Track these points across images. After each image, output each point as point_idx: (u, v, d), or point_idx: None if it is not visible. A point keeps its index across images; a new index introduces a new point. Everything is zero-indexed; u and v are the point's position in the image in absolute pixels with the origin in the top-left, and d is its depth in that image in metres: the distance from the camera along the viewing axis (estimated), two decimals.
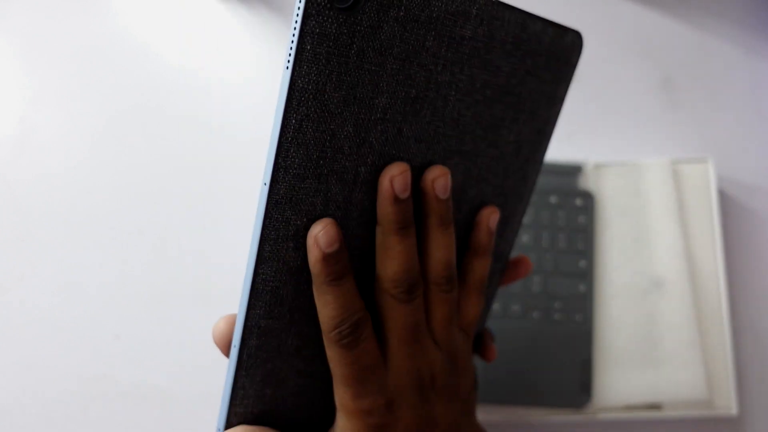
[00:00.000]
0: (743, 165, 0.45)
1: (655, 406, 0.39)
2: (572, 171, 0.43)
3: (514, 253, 0.41)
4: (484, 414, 0.39)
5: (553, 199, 0.42)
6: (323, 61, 0.18)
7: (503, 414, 0.39)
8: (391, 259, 0.22)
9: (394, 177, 0.21)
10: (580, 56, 0.25)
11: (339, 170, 0.20)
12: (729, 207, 0.44)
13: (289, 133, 0.19)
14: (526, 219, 0.42)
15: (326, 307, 0.21)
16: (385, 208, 0.22)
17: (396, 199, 0.21)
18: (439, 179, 0.22)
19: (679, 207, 0.42)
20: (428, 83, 0.21)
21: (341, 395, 0.23)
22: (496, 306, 0.40)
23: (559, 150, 0.46)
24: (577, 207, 0.42)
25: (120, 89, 0.48)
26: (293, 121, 0.19)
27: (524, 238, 0.41)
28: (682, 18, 0.49)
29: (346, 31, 0.18)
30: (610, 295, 0.41)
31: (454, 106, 0.22)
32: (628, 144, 0.46)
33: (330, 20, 0.18)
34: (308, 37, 0.18)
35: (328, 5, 0.18)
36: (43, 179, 0.46)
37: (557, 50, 0.24)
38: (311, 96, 0.19)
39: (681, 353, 0.39)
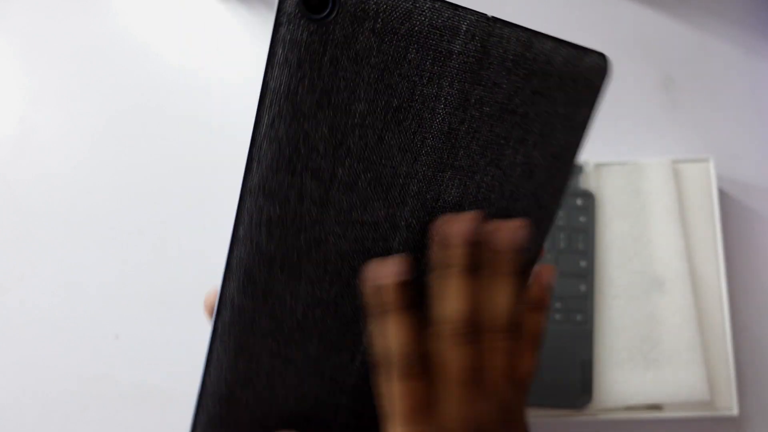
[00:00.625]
0: (743, 165, 0.45)
1: (655, 407, 0.39)
2: (572, 171, 0.43)
3: None
4: None
5: None
6: (294, 66, 0.19)
7: None
8: (453, 300, 0.22)
9: (458, 225, 0.21)
10: (604, 79, 0.24)
11: (314, 168, 0.21)
12: (729, 207, 0.44)
13: (262, 128, 0.20)
14: None
15: (394, 336, 0.22)
16: (453, 250, 0.22)
17: (468, 242, 0.22)
18: (503, 233, 0.22)
19: (679, 207, 0.42)
20: (412, 94, 0.21)
21: None
22: None
23: None
24: (577, 207, 0.42)
25: (120, 89, 0.48)
26: (266, 118, 0.20)
27: None
28: (682, 18, 0.49)
29: (317, 39, 0.19)
30: (610, 295, 0.41)
31: (444, 119, 0.22)
32: (629, 144, 0.46)
33: (301, 29, 0.19)
34: (280, 43, 0.19)
35: (299, 15, 0.19)
36: (43, 179, 0.46)
37: (573, 72, 0.23)
38: (282, 97, 0.20)
39: (681, 353, 0.39)
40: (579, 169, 0.43)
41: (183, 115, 0.47)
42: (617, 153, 0.46)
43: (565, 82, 0.23)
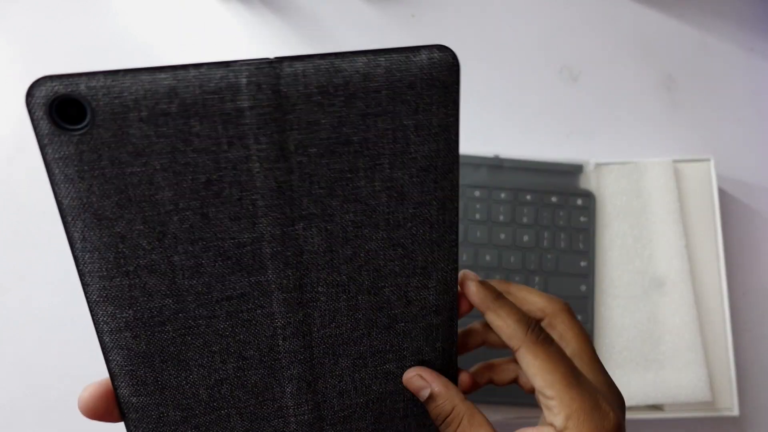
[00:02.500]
0: (744, 164, 0.45)
1: (656, 407, 0.39)
2: (573, 171, 0.43)
3: (515, 252, 0.41)
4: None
5: (554, 199, 0.42)
6: (76, 179, 0.19)
7: (503, 414, 0.39)
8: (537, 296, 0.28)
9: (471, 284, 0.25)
10: (450, 72, 0.21)
11: (147, 264, 0.21)
12: (730, 206, 0.44)
13: (77, 243, 0.20)
14: (528, 219, 0.41)
15: (509, 316, 0.24)
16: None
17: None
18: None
19: (680, 207, 0.42)
20: (218, 164, 0.20)
21: (566, 400, 0.22)
22: None
23: (560, 150, 0.46)
24: (578, 207, 0.42)
25: None
26: (75, 234, 0.20)
27: (525, 237, 0.41)
28: (683, 18, 0.49)
29: (87, 148, 0.19)
30: (611, 295, 0.41)
31: (267, 175, 0.21)
32: (629, 144, 0.46)
33: (66, 144, 0.19)
34: (54, 164, 0.19)
35: (58, 132, 0.19)
36: (43, 179, 0.46)
37: (404, 78, 0.21)
38: (81, 210, 0.20)
39: (682, 354, 0.39)
40: (579, 169, 0.43)
41: None
42: (618, 153, 0.46)
43: (399, 91, 0.21)
